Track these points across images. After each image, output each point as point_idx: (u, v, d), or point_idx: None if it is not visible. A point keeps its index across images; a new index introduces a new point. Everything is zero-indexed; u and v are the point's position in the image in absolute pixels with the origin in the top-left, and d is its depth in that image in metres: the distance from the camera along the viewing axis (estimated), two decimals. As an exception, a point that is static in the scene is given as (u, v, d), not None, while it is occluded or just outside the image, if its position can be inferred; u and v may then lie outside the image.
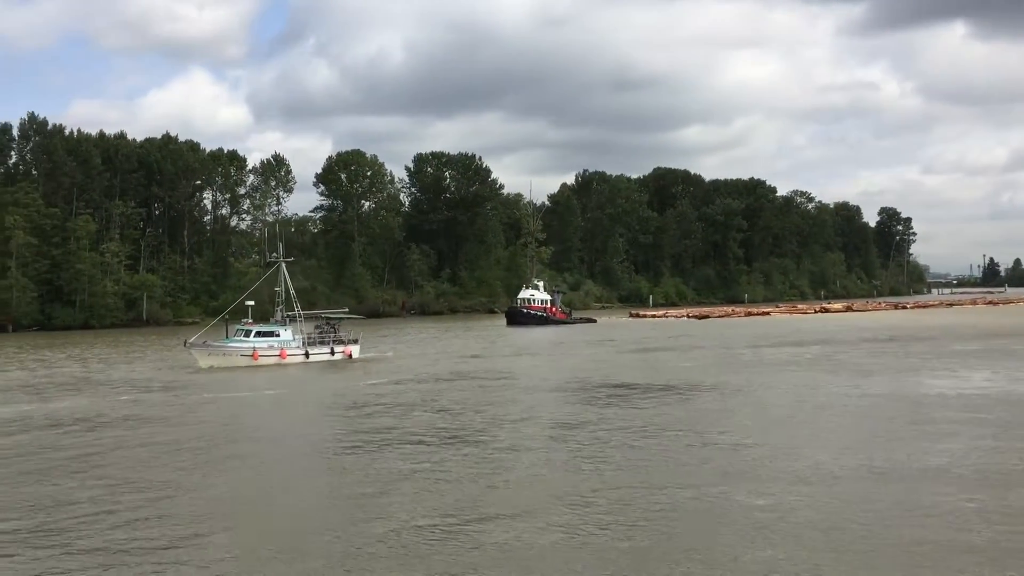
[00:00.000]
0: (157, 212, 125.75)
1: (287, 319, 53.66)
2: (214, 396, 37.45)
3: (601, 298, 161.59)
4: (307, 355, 52.13)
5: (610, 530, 15.38)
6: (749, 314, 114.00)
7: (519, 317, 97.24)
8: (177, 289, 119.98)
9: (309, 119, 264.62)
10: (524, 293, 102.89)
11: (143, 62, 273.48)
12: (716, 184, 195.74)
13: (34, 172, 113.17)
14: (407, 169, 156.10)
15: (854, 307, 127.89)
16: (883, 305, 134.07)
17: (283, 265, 55.73)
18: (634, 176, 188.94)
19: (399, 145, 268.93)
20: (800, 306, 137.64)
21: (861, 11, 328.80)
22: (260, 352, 50.05)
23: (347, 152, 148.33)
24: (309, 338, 53.47)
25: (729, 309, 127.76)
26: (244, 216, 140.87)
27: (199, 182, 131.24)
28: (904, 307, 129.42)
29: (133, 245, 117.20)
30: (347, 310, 75.65)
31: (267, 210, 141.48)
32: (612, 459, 21.53)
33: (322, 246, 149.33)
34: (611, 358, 53.66)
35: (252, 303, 54.30)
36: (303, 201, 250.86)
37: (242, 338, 50.97)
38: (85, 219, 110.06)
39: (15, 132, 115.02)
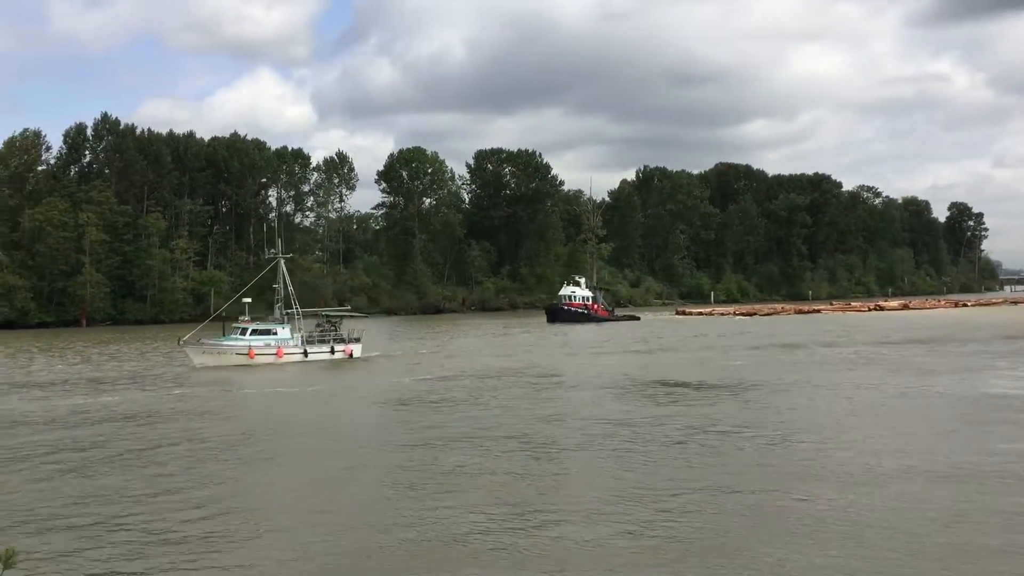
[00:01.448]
0: (224, 209, 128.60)
1: (285, 317, 52.34)
2: (238, 392, 38.30)
3: (661, 295, 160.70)
4: (305, 354, 50.69)
5: (664, 529, 15.52)
6: (799, 312, 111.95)
7: (560, 314, 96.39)
8: (243, 285, 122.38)
9: (371, 117, 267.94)
10: (565, 290, 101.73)
11: (211, 62, 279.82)
12: (779, 179, 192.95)
13: (107, 171, 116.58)
14: (467, 166, 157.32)
15: (911, 305, 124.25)
16: (942, 303, 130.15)
17: (282, 261, 54.31)
18: (696, 172, 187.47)
19: (460, 142, 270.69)
20: (854, 304, 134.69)
21: (929, 1, 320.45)
22: (256, 351, 48.85)
23: (408, 149, 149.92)
24: (309, 337, 52.11)
25: (779, 307, 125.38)
26: (308, 213, 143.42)
27: (265, 180, 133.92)
28: (964, 304, 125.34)
29: (201, 242, 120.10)
30: (349, 307, 73.99)
31: (330, 207, 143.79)
32: (664, 459, 21.60)
33: (384, 243, 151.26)
34: (653, 356, 53.05)
35: (249, 300, 52.69)
36: (365, 198, 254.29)
37: (238, 336, 49.85)
38: (155, 216, 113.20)
39: (89, 132, 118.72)
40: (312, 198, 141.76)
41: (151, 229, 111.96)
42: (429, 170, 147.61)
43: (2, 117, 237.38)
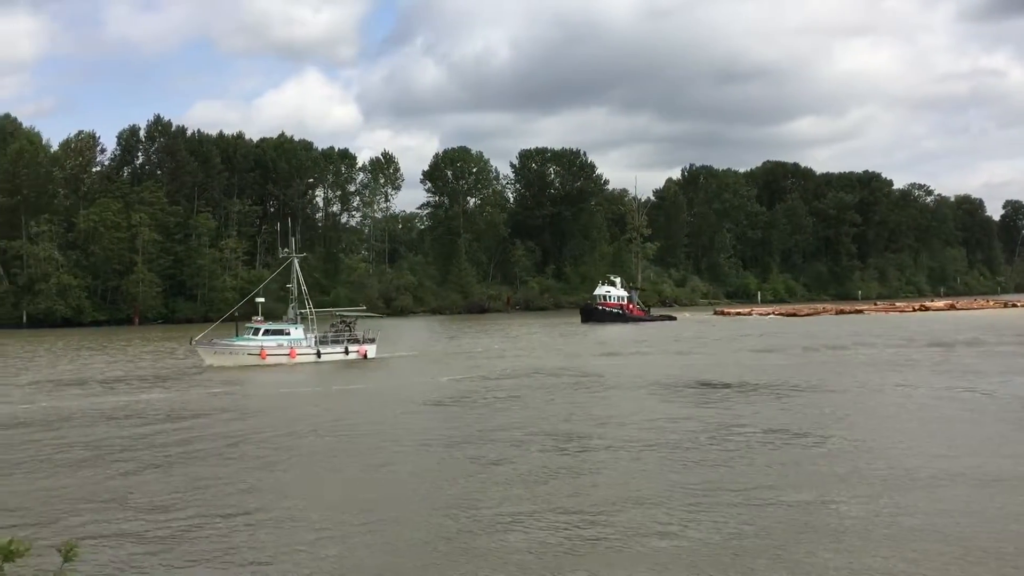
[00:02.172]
0: (272, 209, 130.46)
1: (299, 317, 51.55)
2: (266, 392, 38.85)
3: (708, 294, 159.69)
4: (319, 355, 49.98)
5: (705, 531, 15.56)
6: (840, 312, 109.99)
7: (594, 314, 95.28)
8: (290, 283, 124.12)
9: (417, 117, 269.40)
10: (600, 290, 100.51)
11: (260, 64, 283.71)
12: (828, 177, 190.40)
13: (159, 172, 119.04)
14: (512, 165, 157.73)
15: (957, 305, 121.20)
16: (991, 303, 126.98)
17: (295, 261, 53.46)
18: (742, 170, 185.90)
19: (504, 141, 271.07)
20: (898, 304, 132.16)
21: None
22: (268, 351, 48.24)
23: (453, 149, 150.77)
24: (323, 337, 51.44)
25: (820, 307, 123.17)
26: (354, 213, 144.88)
27: (311, 180, 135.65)
28: (1015, 305, 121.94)
29: (249, 241, 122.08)
30: (364, 307, 72.69)
31: (376, 207, 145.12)
32: (703, 459, 21.58)
33: (429, 242, 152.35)
34: (687, 356, 52.34)
35: (262, 300, 52.27)
36: (411, 198, 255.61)
37: (250, 336, 49.34)
38: (205, 217, 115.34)
39: (142, 134, 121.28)
40: (358, 198, 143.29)
41: (201, 229, 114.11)
42: (474, 170, 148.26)
43: (60, 119, 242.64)
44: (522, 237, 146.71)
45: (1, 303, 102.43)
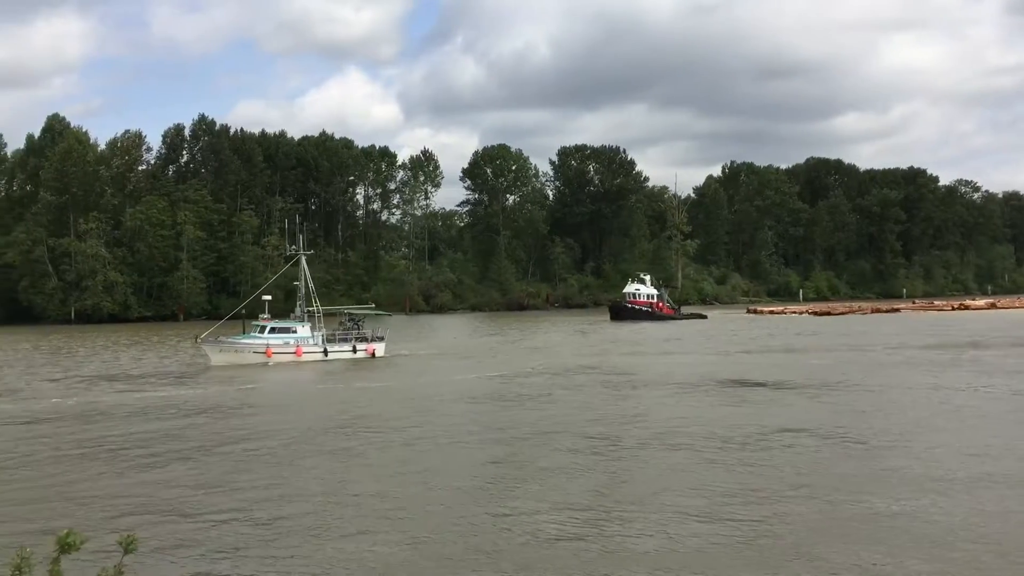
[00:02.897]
0: (313, 207, 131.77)
1: (306, 315, 50.81)
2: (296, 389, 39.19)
3: (748, 292, 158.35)
4: (326, 353, 49.22)
5: (742, 532, 15.52)
6: (876, 311, 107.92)
7: (623, 312, 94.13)
8: (332, 281, 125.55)
9: (456, 115, 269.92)
10: (629, 287, 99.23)
11: (302, 63, 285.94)
12: (872, 174, 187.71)
13: (203, 170, 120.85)
14: (551, 163, 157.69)
15: (999, 304, 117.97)
16: None
17: (303, 258, 52.57)
18: (784, 167, 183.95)
19: (544, 139, 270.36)
20: (937, 302, 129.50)
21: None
22: (274, 349, 47.71)
23: (493, 147, 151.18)
24: (331, 335, 50.75)
25: (855, 306, 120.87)
26: (394, 211, 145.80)
27: (352, 178, 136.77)
28: None
29: (291, 239, 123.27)
30: (373, 305, 72.03)
31: (416, 205, 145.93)
32: (740, 460, 21.46)
33: (468, 240, 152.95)
34: (716, 355, 51.54)
35: (269, 297, 51.55)
36: (450, 195, 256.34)
37: (256, 335, 48.64)
38: (248, 214, 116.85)
39: (187, 133, 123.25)
40: (398, 196, 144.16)
41: (244, 227, 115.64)
42: (513, 167, 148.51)
43: (107, 118, 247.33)
44: (561, 234, 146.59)
45: (50, 299, 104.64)
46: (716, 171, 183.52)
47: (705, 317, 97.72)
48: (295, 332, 49.24)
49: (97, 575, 3.39)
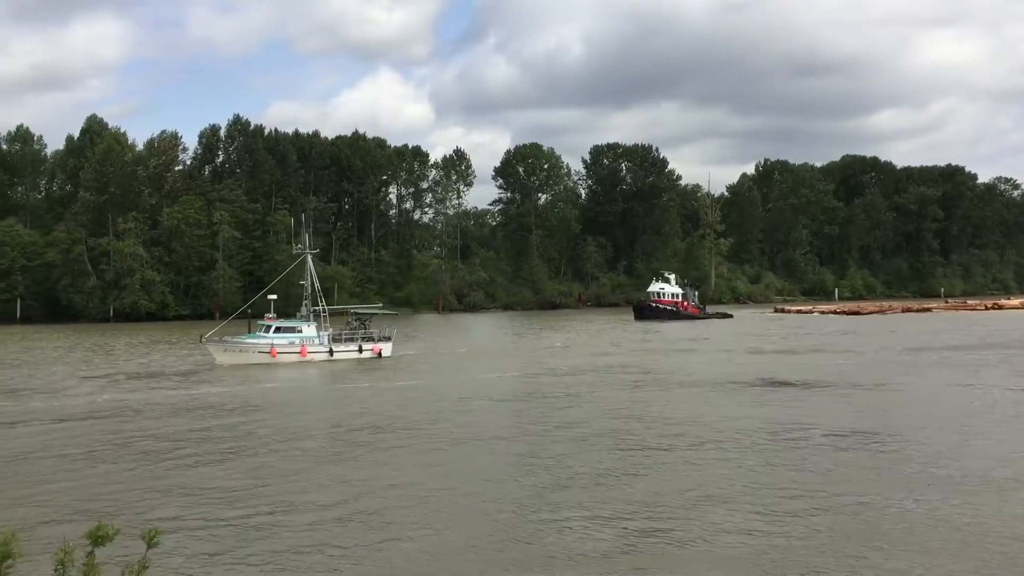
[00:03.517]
0: (347, 207, 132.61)
1: (312, 314, 50.44)
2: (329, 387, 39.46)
3: (783, 291, 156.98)
4: (331, 353, 48.86)
5: (774, 534, 15.49)
6: (907, 310, 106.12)
7: (647, 311, 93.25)
8: (365, 280, 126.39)
9: (488, 114, 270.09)
10: (653, 287, 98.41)
11: (335, 63, 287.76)
12: (909, 171, 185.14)
13: (238, 170, 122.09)
14: (583, 161, 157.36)
15: None
16: None
17: (308, 257, 52.23)
18: (819, 165, 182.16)
19: (576, 137, 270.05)
20: (970, 302, 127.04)
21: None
22: (279, 349, 47.38)
23: (525, 146, 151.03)
24: (336, 335, 50.22)
25: (886, 305, 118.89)
26: (427, 210, 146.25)
27: (385, 177, 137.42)
28: None
29: (325, 238, 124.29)
30: (380, 305, 70.56)
31: (448, 204, 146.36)
32: (771, 460, 21.37)
33: (500, 238, 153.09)
34: (740, 354, 50.97)
35: (274, 297, 51.31)
36: (482, 194, 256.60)
37: (261, 334, 48.44)
38: (282, 214, 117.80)
39: (222, 133, 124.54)
40: (430, 195, 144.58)
41: (278, 226, 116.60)
42: (545, 166, 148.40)
43: (144, 119, 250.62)
44: (594, 233, 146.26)
45: (89, 298, 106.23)
46: (750, 169, 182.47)
47: (731, 316, 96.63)
48: (300, 332, 48.87)
49: (122, 571, 3.43)
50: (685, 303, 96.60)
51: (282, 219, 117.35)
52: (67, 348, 63.96)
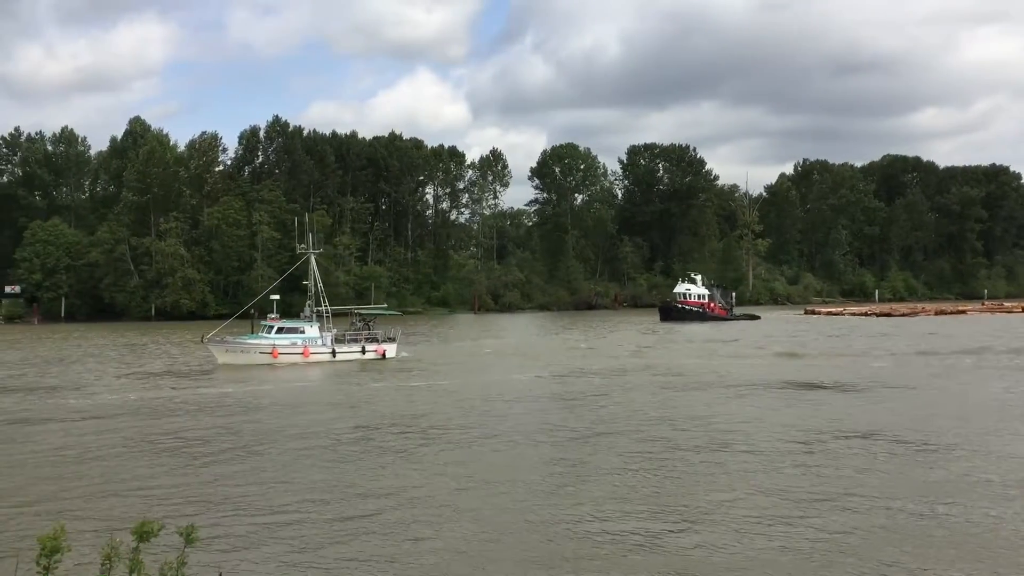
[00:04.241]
0: (383, 207, 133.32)
1: (315, 315, 50.15)
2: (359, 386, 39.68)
3: (821, 292, 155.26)
4: (334, 354, 48.69)
5: (808, 539, 15.43)
6: (940, 312, 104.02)
7: (673, 313, 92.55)
8: (401, 280, 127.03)
9: (525, 114, 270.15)
10: (679, 288, 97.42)
11: (373, 64, 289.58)
12: (952, 171, 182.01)
13: (277, 171, 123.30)
14: (620, 161, 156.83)
15: None
16: None
17: (312, 257, 51.87)
18: (859, 164, 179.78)
19: (613, 138, 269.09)
20: (1007, 304, 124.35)
21: None
22: (281, 350, 47.27)
23: (561, 146, 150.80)
24: (340, 336, 50.09)
25: (918, 307, 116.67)
26: (463, 210, 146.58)
27: (422, 178, 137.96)
28: None
29: (362, 238, 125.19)
30: (385, 306, 69.56)
31: (484, 204, 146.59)
32: (803, 463, 21.25)
33: (537, 239, 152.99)
34: (764, 357, 50.42)
35: (277, 297, 51.39)
36: (519, 195, 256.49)
37: (263, 335, 48.36)
38: (320, 214, 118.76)
39: (262, 134, 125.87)
40: (467, 195, 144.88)
41: (316, 226, 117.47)
42: (582, 166, 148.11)
43: (185, 120, 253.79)
44: (630, 234, 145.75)
45: (131, 297, 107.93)
46: (788, 169, 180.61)
47: (758, 318, 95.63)
48: (302, 332, 48.72)
49: (160, 568, 3.51)
50: (711, 304, 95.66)
51: (320, 219, 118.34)
52: (105, 346, 65.04)
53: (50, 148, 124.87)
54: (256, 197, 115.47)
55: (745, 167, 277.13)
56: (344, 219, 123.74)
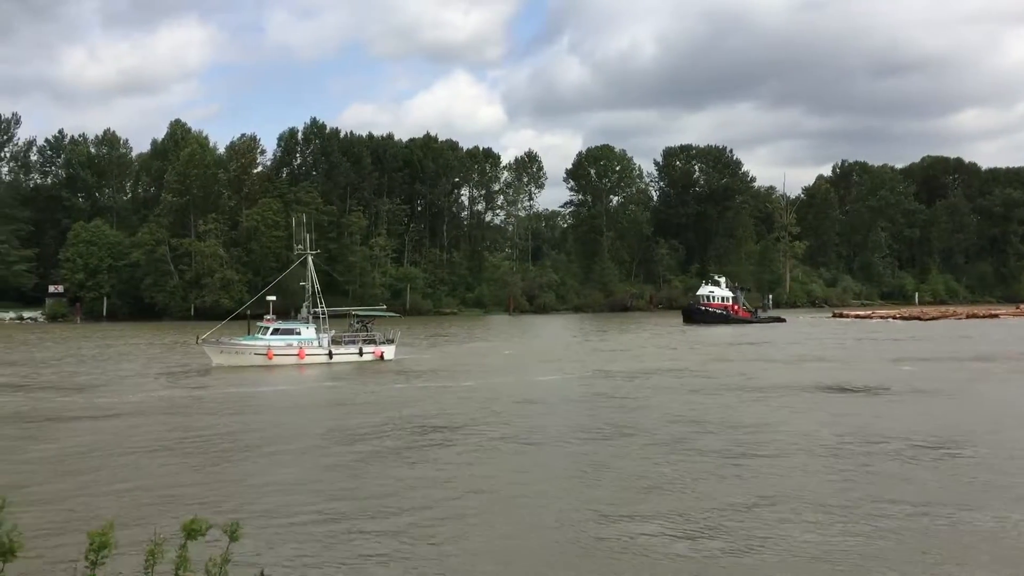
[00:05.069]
0: (419, 208, 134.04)
1: (312, 316, 49.76)
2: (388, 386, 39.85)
3: (860, 294, 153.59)
4: (330, 355, 48.15)
5: (853, 547, 15.36)
6: (972, 316, 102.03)
7: (696, 315, 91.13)
8: (437, 281, 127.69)
9: (560, 116, 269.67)
10: (703, 290, 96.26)
11: (410, 66, 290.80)
12: (994, 173, 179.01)
13: (314, 173, 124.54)
14: (656, 163, 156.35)
15: None
16: None
17: (309, 258, 51.36)
18: (899, 166, 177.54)
19: (648, 139, 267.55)
20: None
21: None
22: (276, 351, 46.80)
23: (596, 147, 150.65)
24: (336, 337, 49.61)
25: (949, 310, 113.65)
26: (498, 212, 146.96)
27: (457, 179, 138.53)
28: None
29: (398, 239, 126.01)
30: (384, 307, 69.56)
31: (519, 206, 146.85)
32: (840, 468, 21.10)
33: (572, 240, 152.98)
34: (786, 360, 49.52)
35: (273, 298, 51.27)
36: (554, 196, 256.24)
37: (260, 336, 47.93)
38: (357, 215, 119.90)
39: (299, 136, 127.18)
40: (502, 197, 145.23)
41: (353, 228, 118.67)
42: (617, 168, 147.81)
43: (224, 123, 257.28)
44: (666, 235, 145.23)
45: (171, 297, 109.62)
46: (827, 171, 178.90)
47: (784, 321, 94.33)
48: (298, 334, 48.36)
49: (205, 565, 3.56)
50: (735, 306, 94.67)
51: (356, 221, 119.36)
52: (140, 344, 66.07)
53: (93, 150, 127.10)
54: (293, 198, 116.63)
55: (782, 168, 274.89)
56: (380, 221, 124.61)
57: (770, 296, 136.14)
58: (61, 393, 36.44)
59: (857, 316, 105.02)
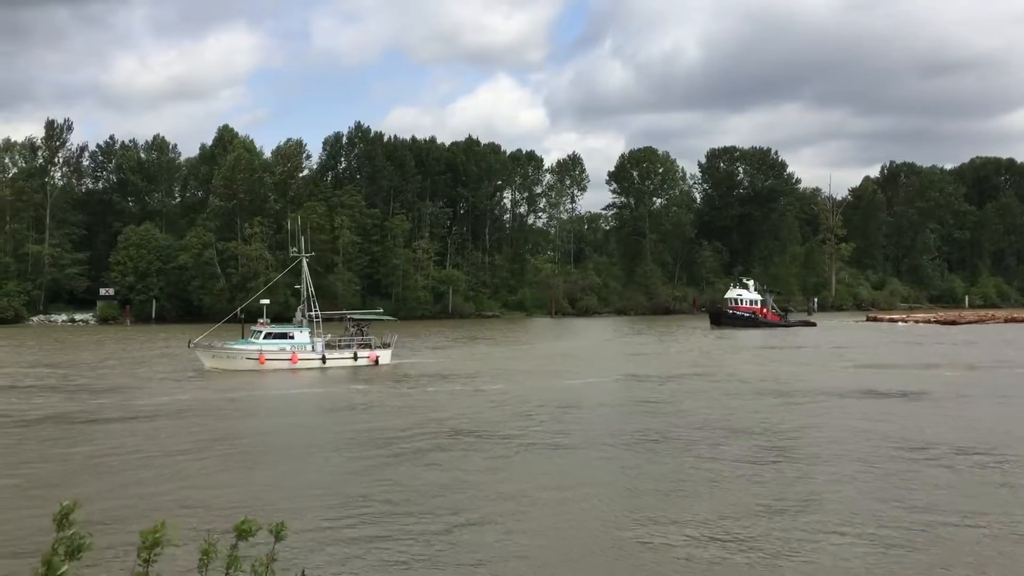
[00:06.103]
0: (462, 211, 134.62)
1: (306, 320, 49.27)
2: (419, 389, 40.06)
3: (908, 298, 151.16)
4: (324, 360, 47.74)
5: (892, 556, 15.34)
6: (1011, 320, 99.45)
7: (724, 318, 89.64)
8: (479, 284, 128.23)
9: (603, 118, 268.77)
10: (731, 293, 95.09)
11: (452, 70, 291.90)
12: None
13: (358, 176, 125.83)
14: (699, 165, 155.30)
15: None
16: None
17: (304, 261, 50.61)
18: (948, 167, 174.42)
19: (691, 141, 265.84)
20: None
21: None
22: (268, 355, 46.45)
23: (639, 150, 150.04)
24: (331, 342, 49.15)
25: (987, 314, 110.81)
26: (540, 214, 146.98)
27: (500, 182, 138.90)
28: None
29: (440, 242, 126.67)
30: (381, 310, 68.70)
31: (562, 208, 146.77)
32: (875, 475, 20.98)
33: (614, 243, 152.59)
34: (809, 365, 48.99)
35: (267, 301, 50.55)
36: (596, 199, 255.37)
37: (252, 340, 47.64)
38: (400, 219, 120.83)
39: (344, 140, 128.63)
40: (544, 199, 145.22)
41: (396, 231, 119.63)
42: (660, 170, 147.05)
43: (271, 127, 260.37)
44: (709, 238, 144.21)
45: (218, 299, 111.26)
46: (873, 172, 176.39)
47: (814, 324, 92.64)
48: (292, 338, 47.93)
49: (252, 565, 3.68)
50: (764, 310, 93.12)
51: (399, 224, 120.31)
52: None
53: (143, 155, 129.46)
54: (338, 202, 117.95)
55: (828, 170, 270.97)
56: (423, 223, 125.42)
57: (815, 299, 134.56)
58: (94, 395, 37.15)
59: (891, 320, 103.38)
